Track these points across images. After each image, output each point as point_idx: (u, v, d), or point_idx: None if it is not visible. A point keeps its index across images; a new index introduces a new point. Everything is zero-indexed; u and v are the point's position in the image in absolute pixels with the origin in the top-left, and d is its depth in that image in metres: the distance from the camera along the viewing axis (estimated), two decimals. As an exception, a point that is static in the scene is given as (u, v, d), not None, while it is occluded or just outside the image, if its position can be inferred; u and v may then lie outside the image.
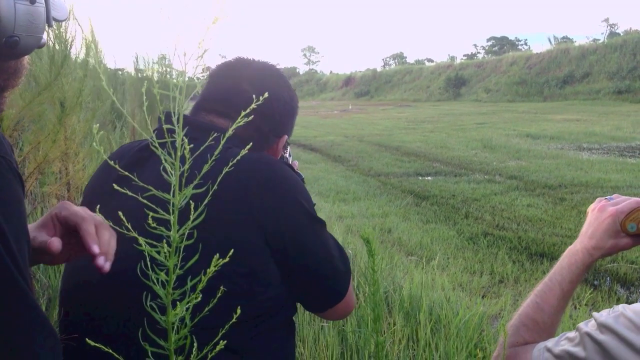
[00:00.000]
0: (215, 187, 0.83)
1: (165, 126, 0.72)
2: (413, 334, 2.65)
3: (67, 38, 1.78)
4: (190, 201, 0.76)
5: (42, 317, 0.79)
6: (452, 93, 48.05)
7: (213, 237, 1.02)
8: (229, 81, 1.26)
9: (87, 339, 0.77)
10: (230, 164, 0.84)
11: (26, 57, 0.94)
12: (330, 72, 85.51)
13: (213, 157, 0.77)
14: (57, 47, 1.70)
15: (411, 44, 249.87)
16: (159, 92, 0.65)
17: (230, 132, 0.77)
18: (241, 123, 0.76)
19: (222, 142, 0.76)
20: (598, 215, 1.20)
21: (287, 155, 1.70)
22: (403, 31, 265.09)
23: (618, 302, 4.39)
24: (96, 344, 0.77)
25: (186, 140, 0.72)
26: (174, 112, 0.70)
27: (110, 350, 0.79)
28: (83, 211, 0.93)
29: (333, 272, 1.18)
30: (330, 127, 23.28)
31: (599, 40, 50.68)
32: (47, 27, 0.93)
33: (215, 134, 0.88)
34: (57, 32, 1.79)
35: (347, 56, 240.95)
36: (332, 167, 12.33)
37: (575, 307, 4.02)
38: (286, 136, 1.33)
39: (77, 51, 2.02)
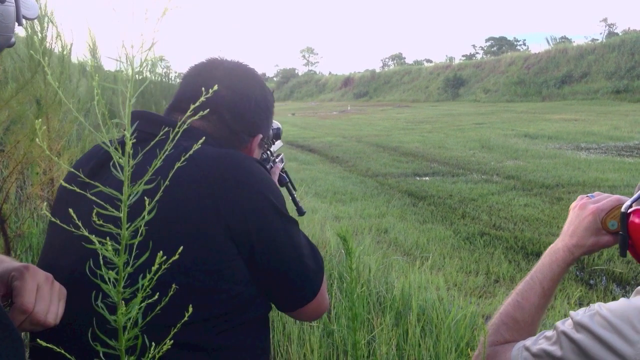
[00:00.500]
0: (167, 182, 0.81)
1: (112, 119, 0.70)
2: (404, 334, 2.63)
3: (44, 36, 1.76)
4: (146, 197, 0.74)
5: (4, 317, 0.77)
6: (450, 93, 48.06)
7: (177, 235, 1.01)
8: (200, 81, 1.25)
9: (38, 339, 0.75)
10: (183, 158, 0.82)
11: None
12: (329, 73, 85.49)
13: (163, 152, 0.75)
14: (36, 45, 1.69)
15: (410, 45, 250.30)
16: (102, 85, 0.62)
17: (182, 126, 0.75)
18: (196, 117, 0.74)
19: (173, 136, 0.74)
20: (579, 213, 1.19)
21: (279, 160, 1.67)
22: (401, 32, 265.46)
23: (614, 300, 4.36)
24: (47, 344, 0.75)
25: (129, 138, 0.70)
26: (122, 107, 0.68)
27: (62, 351, 0.76)
28: (34, 284, 0.91)
29: (303, 271, 1.16)
30: (329, 128, 23.27)
31: (597, 40, 50.68)
32: (17, 25, 0.92)
33: (167, 128, 0.85)
34: (36, 29, 1.77)
35: (345, 57, 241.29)
36: (330, 167, 12.32)
37: (575, 307, 4.00)
38: (260, 135, 1.32)
39: (62, 50, 2.00)
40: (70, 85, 2.02)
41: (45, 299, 0.92)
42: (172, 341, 0.79)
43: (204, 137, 0.92)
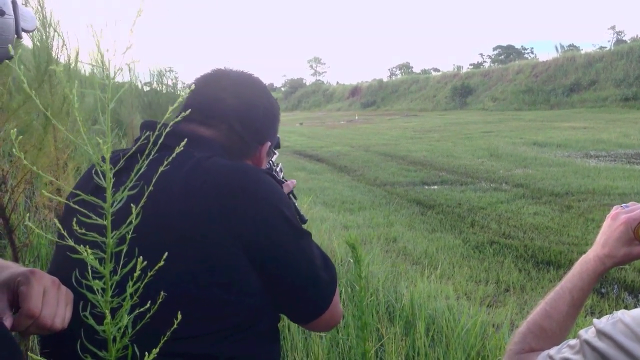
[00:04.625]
0: (150, 189, 0.81)
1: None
2: (414, 344, 2.61)
3: (50, 46, 1.77)
4: (132, 205, 0.74)
5: (1, 328, 0.76)
6: (458, 102, 48.01)
7: (189, 248, 1.00)
8: (209, 91, 1.26)
9: (30, 353, 0.75)
10: (165, 163, 0.83)
11: None
12: (337, 82, 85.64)
13: (142, 160, 0.75)
14: (42, 52, 1.70)
15: (417, 54, 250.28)
16: (84, 91, 0.62)
17: (162, 129, 0.74)
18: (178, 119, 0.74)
19: (154, 138, 0.73)
20: (611, 223, 1.17)
21: (278, 169, 1.68)
22: (409, 41, 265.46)
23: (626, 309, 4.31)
24: (39, 358, 0.74)
25: (106, 145, 0.69)
26: (101, 111, 0.67)
27: None
28: (41, 289, 0.91)
29: (315, 283, 1.15)
30: (337, 138, 23.28)
31: (606, 47, 50.54)
32: (16, 37, 0.92)
33: (148, 132, 0.85)
34: (42, 39, 1.78)
35: (353, 67, 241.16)
36: (338, 177, 12.31)
37: (585, 316, 3.96)
38: (269, 143, 1.32)
39: (68, 59, 2.01)
40: (59, 94, 2.00)
41: (52, 303, 0.91)
42: (157, 351, 0.78)
43: (185, 140, 0.92)
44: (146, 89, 8.44)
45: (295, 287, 1.13)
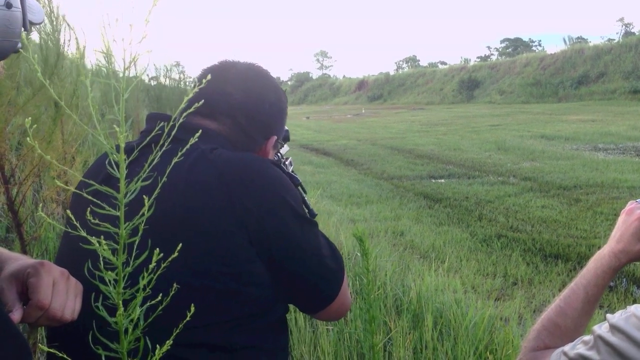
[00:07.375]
0: (163, 179, 0.81)
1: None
2: (422, 337, 2.61)
3: (59, 38, 1.77)
4: (144, 196, 0.74)
5: (9, 324, 0.76)
6: (465, 95, 47.84)
7: (196, 237, 1.00)
8: (213, 84, 1.24)
9: (39, 345, 0.75)
10: (180, 153, 0.82)
11: (1, 62, 0.93)
12: (343, 76, 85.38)
13: (156, 152, 0.74)
14: (50, 45, 1.70)
15: (424, 47, 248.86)
16: (96, 80, 0.61)
17: (165, 125, 0.74)
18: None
19: (167, 132, 0.73)
20: (626, 218, 1.16)
21: (287, 162, 1.67)
22: (416, 34, 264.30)
23: (635, 303, 4.27)
24: (49, 349, 0.74)
25: (122, 134, 0.69)
26: (115, 102, 0.67)
27: (65, 356, 0.75)
28: (50, 280, 0.91)
29: (323, 273, 1.15)
30: (343, 131, 23.26)
31: (614, 40, 50.18)
32: (23, 30, 0.92)
33: (162, 123, 0.85)
34: (50, 32, 1.78)
35: (359, 60, 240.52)
36: (345, 170, 12.30)
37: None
38: (275, 137, 1.31)
39: (76, 53, 2.01)
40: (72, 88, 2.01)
41: (62, 294, 0.92)
42: (170, 341, 0.78)
43: (200, 131, 0.92)
44: (153, 83, 8.46)
45: (303, 277, 1.13)
